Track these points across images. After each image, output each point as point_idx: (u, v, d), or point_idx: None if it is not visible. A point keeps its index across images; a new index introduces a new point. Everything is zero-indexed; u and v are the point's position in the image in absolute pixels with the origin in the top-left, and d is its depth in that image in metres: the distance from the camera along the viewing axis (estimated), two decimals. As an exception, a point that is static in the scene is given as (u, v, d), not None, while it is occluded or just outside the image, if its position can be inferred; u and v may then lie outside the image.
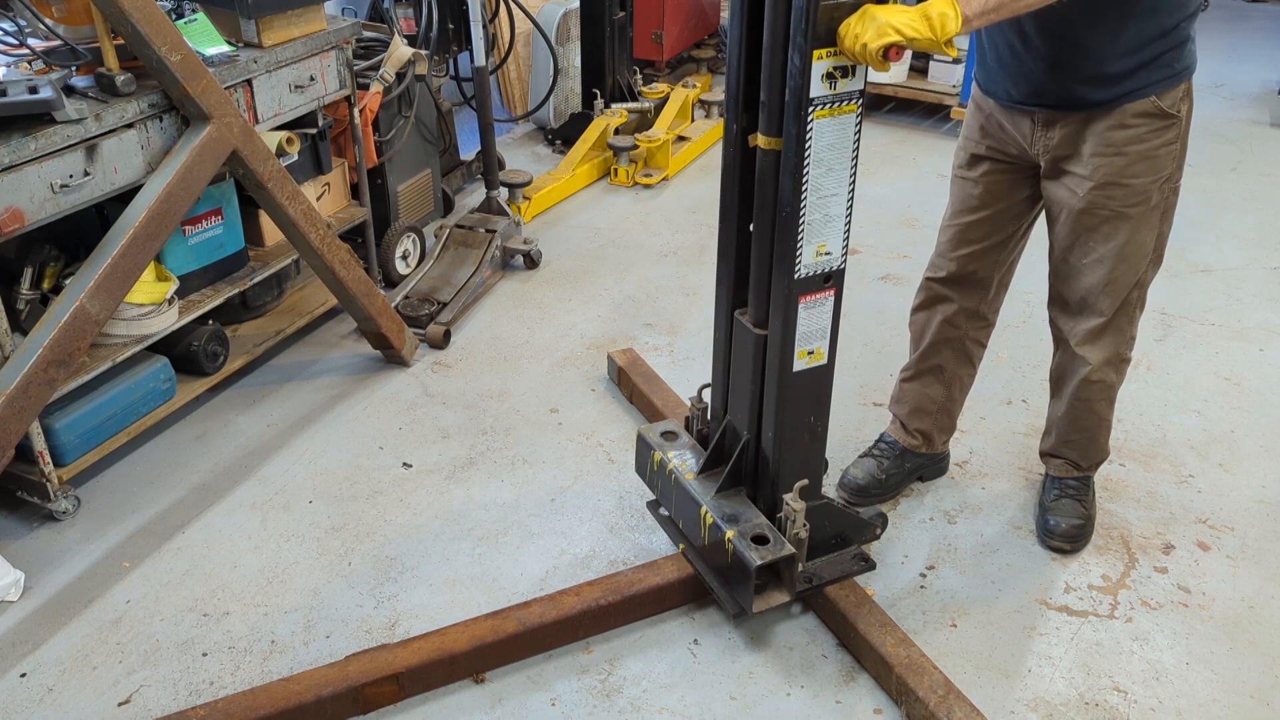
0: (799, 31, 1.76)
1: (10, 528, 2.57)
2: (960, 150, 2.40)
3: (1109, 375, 2.38)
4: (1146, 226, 2.20)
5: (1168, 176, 2.16)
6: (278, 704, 1.98)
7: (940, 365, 2.57)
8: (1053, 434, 2.56)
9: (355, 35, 3.13)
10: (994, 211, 2.36)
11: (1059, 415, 2.51)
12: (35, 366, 2.22)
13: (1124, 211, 2.16)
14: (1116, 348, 2.35)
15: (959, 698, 2.01)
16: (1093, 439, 2.51)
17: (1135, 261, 2.23)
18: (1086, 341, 2.34)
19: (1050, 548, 2.51)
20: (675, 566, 2.33)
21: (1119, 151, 2.11)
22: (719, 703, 2.14)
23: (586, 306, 3.58)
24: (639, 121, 4.77)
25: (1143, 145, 2.10)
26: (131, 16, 2.25)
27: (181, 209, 2.48)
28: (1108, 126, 2.10)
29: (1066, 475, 2.56)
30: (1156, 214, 2.20)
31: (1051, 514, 2.53)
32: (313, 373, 3.21)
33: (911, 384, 2.64)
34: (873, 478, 2.63)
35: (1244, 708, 2.14)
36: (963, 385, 2.63)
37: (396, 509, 2.65)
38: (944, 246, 2.47)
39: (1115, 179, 2.13)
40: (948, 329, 2.52)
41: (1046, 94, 2.13)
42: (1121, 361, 2.39)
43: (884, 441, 2.70)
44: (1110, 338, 2.33)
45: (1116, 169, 2.12)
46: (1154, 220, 2.20)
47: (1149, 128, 2.09)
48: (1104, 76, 2.05)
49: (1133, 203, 2.16)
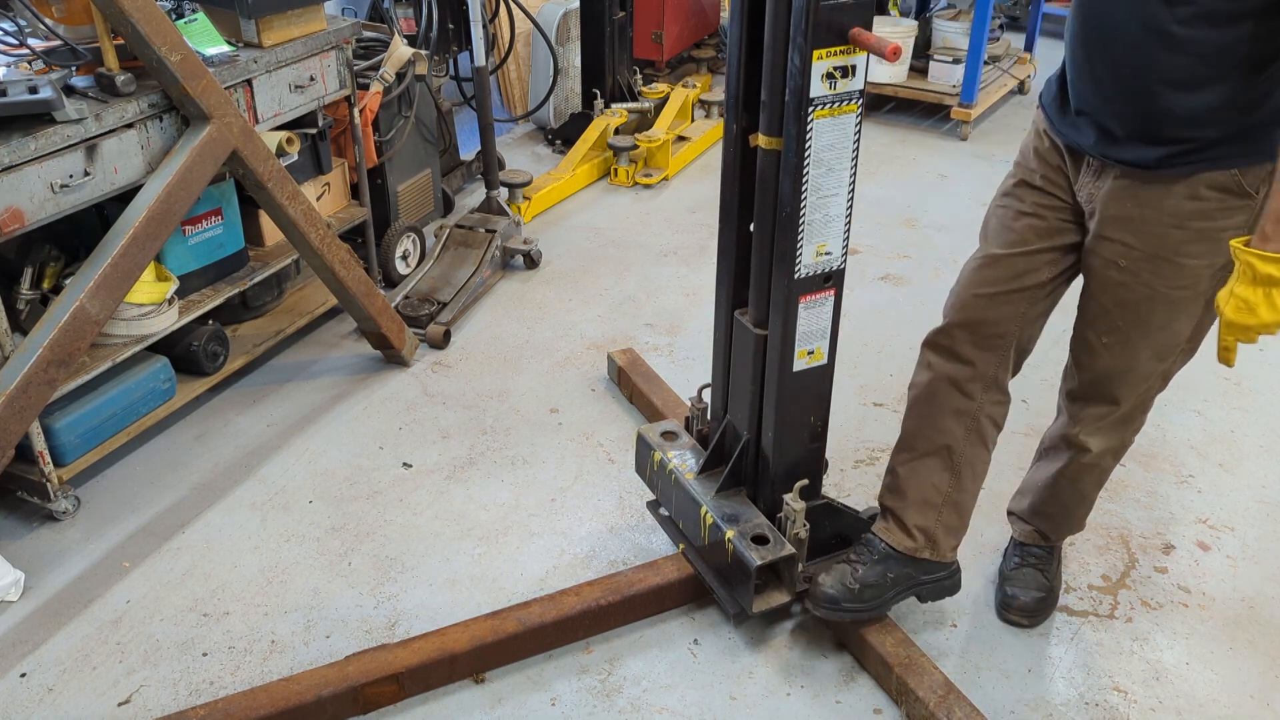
0: (799, 31, 1.76)
1: (10, 528, 2.57)
2: (1009, 175, 2.05)
3: (1106, 461, 2.15)
4: (1186, 315, 1.90)
5: (1226, 264, 1.78)
6: (278, 704, 1.98)
7: (949, 446, 2.10)
8: (1027, 498, 2.32)
9: (355, 35, 3.13)
10: (1028, 251, 1.98)
11: (1039, 483, 2.26)
12: (35, 366, 2.22)
13: (1166, 293, 1.86)
14: (1122, 437, 2.11)
15: (959, 698, 2.01)
16: (1069, 515, 2.29)
17: (1165, 353, 1.95)
18: (1090, 431, 2.08)
19: (1007, 621, 2.29)
20: (675, 566, 2.33)
21: (1181, 225, 1.80)
22: (719, 703, 2.14)
23: (586, 306, 3.58)
24: (639, 121, 4.77)
25: (1208, 223, 1.78)
26: (131, 16, 2.25)
27: (181, 209, 2.48)
28: (1175, 195, 1.78)
29: (1031, 543, 2.34)
30: (1201, 302, 1.88)
31: (1010, 584, 2.30)
32: (313, 373, 3.21)
33: (909, 468, 2.15)
34: (845, 588, 2.13)
35: (1244, 708, 2.14)
36: (975, 474, 2.15)
37: (396, 509, 2.65)
38: (961, 287, 2.07)
39: (1167, 254, 1.82)
40: (959, 399, 2.07)
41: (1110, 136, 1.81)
42: (1123, 447, 2.14)
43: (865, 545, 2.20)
44: (1118, 429, 2.08)
45: (1172, 244, 1.81)
46: (1196, 309, 1.89)
47: (1221, 204, 1.77)
48: (1177, 131, 1.74)
49: (1179, 285, 1.85)
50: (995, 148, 4.90)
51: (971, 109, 4.89)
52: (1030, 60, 5.54)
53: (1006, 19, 6.29)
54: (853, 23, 1.75)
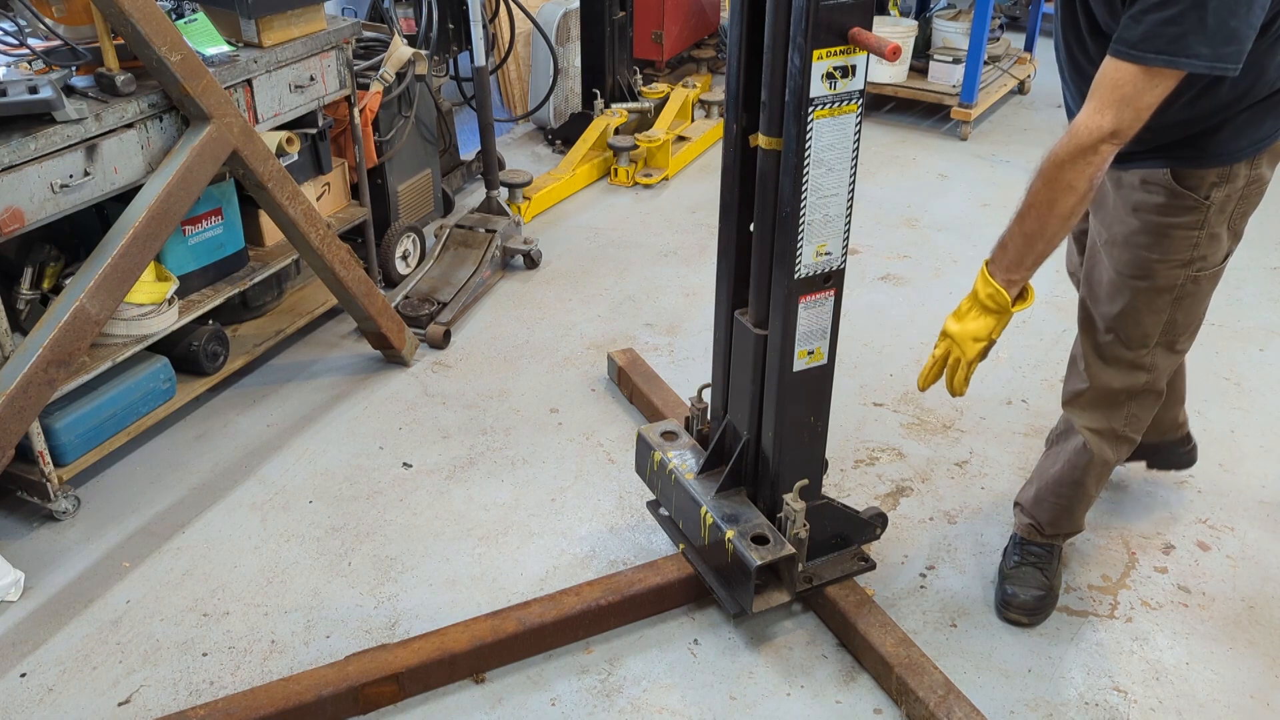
0: (799, 31, 1.76)
1: (10, 528, 2.57)
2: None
3: (1104, 451, 2.19)
4: (1149, 309, 1.99)
5: (1186, 262, 1.93)
6: (278, 704, 1.98)
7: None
8: (1033, 486, 2.38)
9: (355, 35, 3.13)
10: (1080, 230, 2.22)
11: (1048, 471, 2.32)
12: (35, 366, 2.22)
13: (1124, 279, 1.99)
14: (1109, 423, 2.16)
15: (959, 698, 2.01)
16: (1068, 510, 2.32)
17: (1131, 340, 2.04)
18: (1072, 405, 2.19)
19: (1007, 620, 2.32)
20: (675, 566, 2.33)
21: (1131, 213, 1.95)
22: (719, 703, 2.14)
23: (586, 306, 3.58)
24: (639, 121, 4.77)
25: (1155, 217, 1.91)
26: (131, 16, 2.25)
27: (181, 209, 2.48)
28: (1125, 183, 1.95)
29: (1030, 539, 2.38)
30: (1165, 299, 1.98)
31: (1010, 582, 2.34)
32: (313, 373, 3.21)
33: None
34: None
35: (1244, 708, 2.14)
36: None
37: (396, 509, 2.65)
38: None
39: (1122, 240, 1.97)
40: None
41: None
42: (1119, 440, 2.19)
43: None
44: (1102, 412, 2.15)
45: (1126, 230, 1.96)
46: (1160, 304, 1.98)
47: (1163, 200, 1.90)
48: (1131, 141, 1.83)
49: (1134, 274, 1.97)
50: (995, 148, 4.90)
51: (971, 109, 4.89)
52: (1030, 60, 5.54)
53: (1006, 19, 6.29)
54: (852, 23, 1.75)
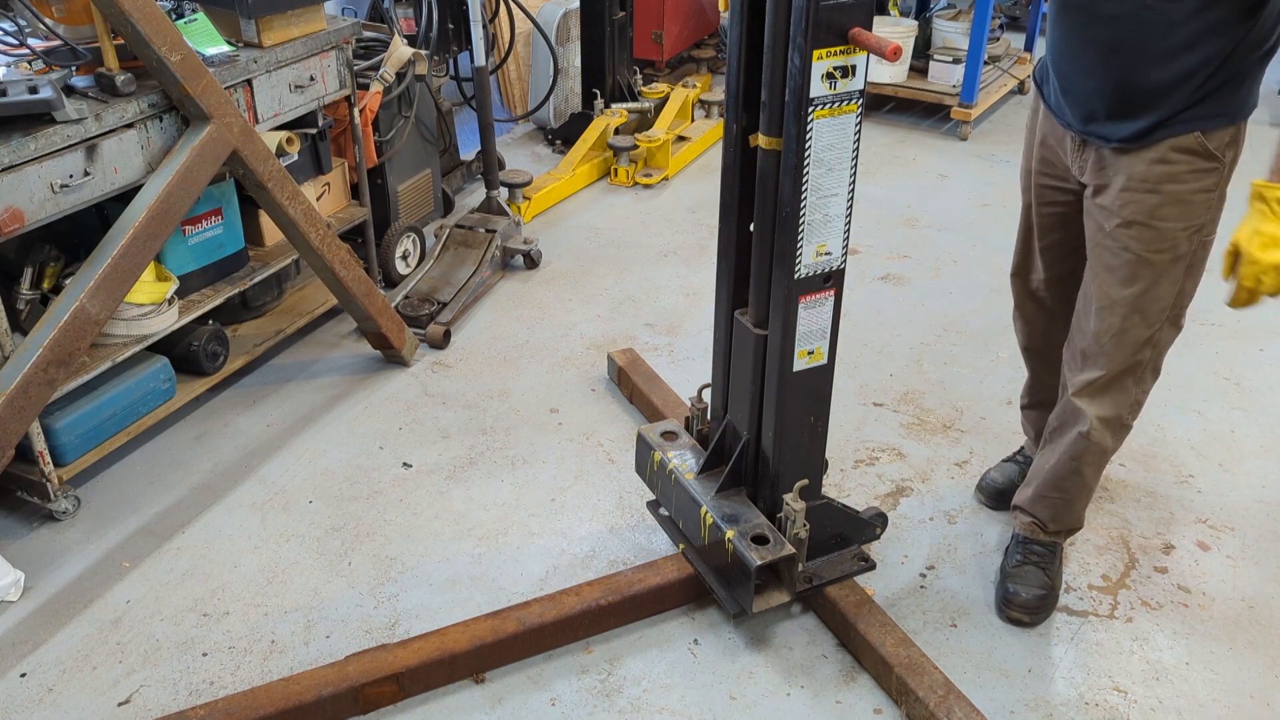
0: (799, 31, 1.76)
1: (10, 528, 2.57)
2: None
3: (1105, 439, 2.20)
4: (1168, 279, 2.02)
5: (1200, 226, 1.98)
6: (278, 704, 1.98)
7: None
8: (1031, 486, 2.38)
9: (355, 35, 3.13)
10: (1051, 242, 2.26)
11: (1045, 468, 2.32)
12: (35, 366, 2.22)
13: (1147, 257, 2.00)
14: (1118, 410, 2.17)
15: (959, 698, 2.01)
16: (1070, 504, 2.33)
17: (1151, 316, 2.06)
18: (1085, 394, 2.17)
19: (1008, 619, 2.31)
20: (675, 566, 2.33)
21: (1153, 189, 1.95)
22: (719, 703, 2.14)
23: (586, 306, 3.58)
24: (639, 121, 4.77)
25: (1179, 186, 1.94)
26: (131, 16, 2.25)
27: (181, 209, 2.48)
28: (1145, 160, 1.94)
29: (1032, 537, 2.37)
30: (1181, 266, 2.02)
31: (1011, 580, 2.34)
32: (313, 373, 3.21)
33: (1032, 411, 2.57)
34: (1012, 483, 2.58)
35: (1244, 708, 2.14)
36: None
37: (396, 509, 2.65)
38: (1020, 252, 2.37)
39: (1144, 219, 1.97)
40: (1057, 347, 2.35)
41: (1090, 114, 1.99)
42: (1122, 427, 2.21)
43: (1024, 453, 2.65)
44: (1112, 397, 2.16)
45: (1147, 207, 1.96)
46: (1177, 273, 2.02)
47: (1189, 167, 1.92)
48: (1152, 103, 1.90)
49: (1158, 248, 1.99)
50: (995, 148, 4.90)
51: (971, 109, 4.89)
52: (1030, 60, 5.54)
53: (1006, 19, 6.29)
54: (853, 23, 1.75)
